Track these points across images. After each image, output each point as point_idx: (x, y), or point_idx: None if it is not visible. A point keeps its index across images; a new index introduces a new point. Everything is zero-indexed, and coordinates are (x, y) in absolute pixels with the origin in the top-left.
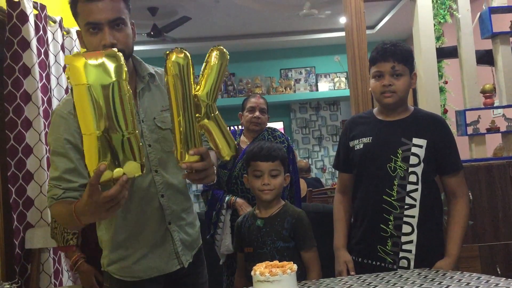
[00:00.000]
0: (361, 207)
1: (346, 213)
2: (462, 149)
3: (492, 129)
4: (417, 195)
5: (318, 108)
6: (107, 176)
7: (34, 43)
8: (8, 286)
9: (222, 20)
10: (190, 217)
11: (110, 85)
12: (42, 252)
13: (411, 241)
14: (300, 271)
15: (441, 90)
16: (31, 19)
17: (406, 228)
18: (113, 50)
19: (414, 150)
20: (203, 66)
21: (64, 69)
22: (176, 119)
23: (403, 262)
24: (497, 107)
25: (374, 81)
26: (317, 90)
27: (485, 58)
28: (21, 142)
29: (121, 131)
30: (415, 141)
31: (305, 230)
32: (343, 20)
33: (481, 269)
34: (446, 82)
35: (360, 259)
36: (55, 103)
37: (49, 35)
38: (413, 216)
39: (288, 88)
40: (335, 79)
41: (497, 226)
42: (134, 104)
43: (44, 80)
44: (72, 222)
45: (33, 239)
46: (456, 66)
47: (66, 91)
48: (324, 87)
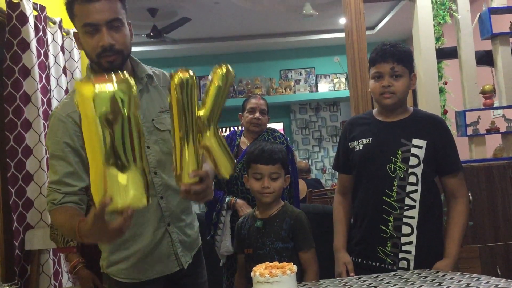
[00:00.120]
0: (360, 208)
1: (345, 214)
2: (462, 149)
3: (492, 130)
4: (416, 196)
5: (318, 109)
6: (112, 207)
7: (33, 44)
8: (8, 287)
9: (222, 21)
10: (189, 218)
11: (119, 119)
12: (42, 253)
13: (410, 242)
14: (300, 272)
15: (441, 90)
16: (31, 20)
17: (405, 229)
18: (125, 76)
19: (414, 151)
20: (207, 85)
21: (64, 70)
22: (177, 140)
23: (403, 263)
24: (497, 108)
25: (373, 82)
26: (317, 91)
27: (485, 58)
28: (21, 143)
29: (128, 164)
30: (415, 142)
31: (303, 230)
32: (342, 21)
33: (481, 270)
34: (445, 83)
35: (359, 260)
36: (54, 104)
37: (49, 36)
38: (412, 217)
39: (288, 89)
40: (335, 80)
41: (497, 227)
42: None
43: (43, 81)
44: (73, 237)
45: (33, 240)
46: (456, 67)
47: (66, 91)
48: (324, 88)
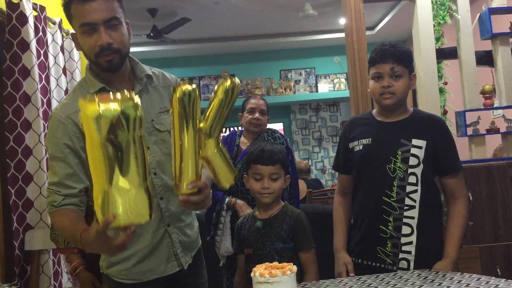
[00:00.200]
0: (360, 208)
1: (345, 214)
2: (462, 150)
3: (492, 130)
4: (416, 196)
5: (318, 109)
6: (115, 225)
7: (33, 45)
8: None
9: (221, 21)
10: (189, 218)
11: (124, 140)
12: (42, 253)
13: (410, 242)
14: (300, 273)
15: (441, 91)
16: (31, 21)
17: (405, 229)
18: (130, 95)
19: (414, 151)
20: (212, 97)
21: (64, 70)
22: (177, 151)
23: (403, 263)
24: (497, 108)
25: (373, 83)
26: (317, 91)
27: (485, 59)
28: (21, 144)
29: (132, 184)
30: (415, 142)
31: (304, 231)
32: (342, 21)
33: (481, 270)
34: (445, 83)
35: (359, 260)
36: (54, 104)
37: (49, 37)
38: (412, 217)
39: (288, 89)
40: (335, 80)
41: (497, 227)
42: None
43: (43, 81)
44: (74, 244)
45: (33, 240)
46: (456, 67)
47: (66, 92)
48: (324, 88)
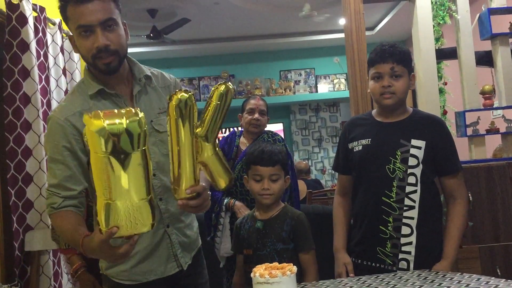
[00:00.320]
0: (360, 209)
1: (345, 215)
2: (462, 150)
3: (492, 130)
4: (416, 196)
5: (318, 110)
6: (118, 235)
7: (33, 45)
8: None
9: (221, 22)
10: (188, 219)
11: (128, 157)
12: (42, 254)
13: (410, 243)
14: (300, 273)
15: (441, 91)
16: (31, 21)
17: (405, 230)
18: (136, 112)
19: (413, 151)
20: (207, 102)
21: (64, 71)
22: (175, 157)
23: (403, 264)
24: (496, 108)
25: (373, 83)
26: (316, 91)
27: (485, 59)
28: (21, 144)
29: (136, 197)
30: (414, 142)
31: (304, 232)
32: (342, 21)
33: (481, 270)
34: (445, 83)
35: (359, 260)
36: (54, 105)
37: (49, 37)
38: (412, 218)
39: (287, 90)
40: (335, 81)
41: (497, 227)
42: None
43: (43, 82)
44: (76, 247)
45: (33, 241)
46: (456, 67)
47: (66, 92)
48: (324, 88)
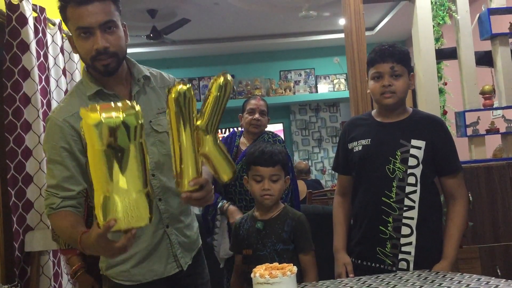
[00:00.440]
0: (360, 209)
1: (345, 215)
2: (462, 150)
3: (492, 130)
4: (416, 196)
5: (318, 110)
6: (116, 228)
7: (33, 46)
8: None
9: (221, 22)
10: (188, 219)
11: (125, 149)
12: (42, 254)
13: (410, 243)
14: (300, 274)
15: (441, 91)
16: (31, 22)
17: (405, 230)
18: (132, 105)
19: (413, 151)
20: (206, 94)
21: (64, 72)
22: (176, 150)
23: (402, 264)
24: (496, 108)
25: (373, 83)
26: (316, 91)
27: (484, 59)
28: (21, 145)
29: (133, 190)
30: (414, 142)
31: (305, 233)
32: (342, 21)
33: (481, 270)
34: (445, 84)
35: (359, 261)
36: (54, 106)
37: (49, 38)
38: (412, 218)
39: (287, 90)
40: (335, 81)
41: (497, 227)
42: None
43: (43, 82)
44: (74, 245)
45: (33, 241)
46: (456, 68)
47: (66, 93)
48: (324, 88)
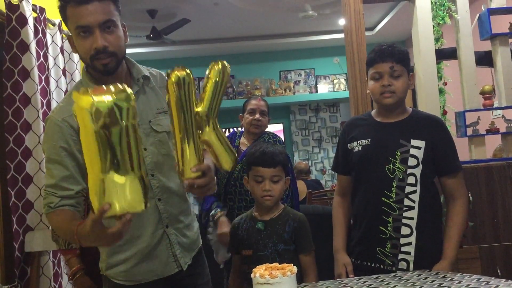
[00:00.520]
0: (360, 209)
1: (345, 215)
2: (462, 150)
3: (492, 130)
4: (415, 197)
5: (318, 110)
6: (111, 213)
7: (33, 46)
8: None
9: (221, 22)
10: (188, 219)
11: (117, 130)
12: (42, 255)
13: (410, 243)
14: (300, 274)
15: (441, 91)
16: (30, 22)
17: (405, 230)
18: (123, 87)
19: (413, 151)
20: (205, 81)
21: (64, 72)
22: (178, 137)
23: (402, 264)
24: (496, 108)
25: (373, 83)
26: (316, 92)
27: (484, 59)
28: (21, 145)
29: (127, 173)
30: (414, 142)
31: (306, 233)
32: (342, 21)
33: (481, 270)
34: (445, 84)
35: (359, 261)
36: (54, 106)
37: (48, 38)
38: (412, 218)
39: (287, 90)
40: (335, 81)
41: (497, 227)
42: None
43: (43, 82)
44: (71, 240)
45: (33, 242)
46: (455, 68)
47: (66, 93)
48: (324, 88)
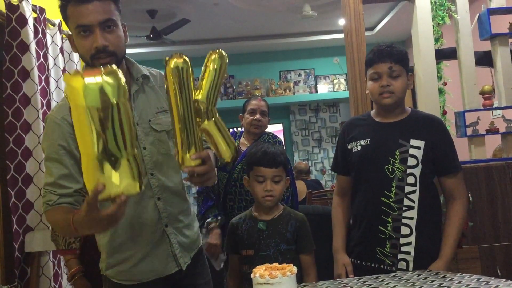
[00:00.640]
0: (359, 209)
1: (344, 215)
2: (462, 150)
3: (492, 130)
4: (415, 196)
5: (318, 110)
6: (105, 194)
7: (33, 46)
8: None
9: (221, 22)
10: (188, 219)
11: (109, 107)
12: (42, 255)
13: (409, 243)
14: (300, 274)
15: (440, 91)
16: (30, 22)
17: (404, 230)
18: (113, 68)
19: (412, 151)
20: (202, 70)
21: (64, 72)
22: (177, 125)
23: (402, 264)
24: (496, 108)
25: (371, 83)
26: (316, 92)
27: (484, 59)
28: (21, 145)
29: (120, 152)
30: (413, 142)
31: (308, 233)
32: (342, 22)
33: (481, 270)
34: (445, 84)
35: (359, 261)
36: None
37: (48, 38)
38: (411, 218)
39: (287, 90)
40: (334, 81)
41: (497, 227)
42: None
43: (43, 83)
44: (69, 232)
45: (33, 242)
46: (455, 68)
47: None
48: (324, 89)
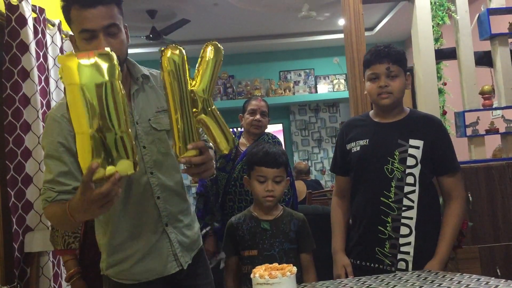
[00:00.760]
0: (358, 210)
1: (343, 216)
2: (461, 150)
3: (491, 130)
4: (414, 196)
5: (317, 110)
6: (99, 174)
7: (33, 47)
8: None
9: (221, 23)
10: (188, 219)
11: (102, 85)
12: (42, 255)
13: (409, 243)
14: (300, 273)
15: (440, 91)
16: (30, 23)
17: (404, 230)
18: (106, 49)
19: (411, 151)
20: (198, 62)
21: None
22: (173, 115)
23: (401, 264)
24: (496, 108)
25: (370, 84)
26: (316, 92)
27: (484, 59)
28: (20, 146)
29: (113, 129)
30: (412, 142)
31: (308, 232)
32: (341, 22)
33: (481, 270)
34: (445, 84)
35: (358, 261)
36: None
37: (48, 38)
38: (410, 218)
39: (287, 90)
40: (334, 81)
41: (497, 228)
42: (128, 106)
43: (43, 83)
44: (66, 221)
45: (32, 242)
46: (455, 68)
47: None
48: (323, 89)
